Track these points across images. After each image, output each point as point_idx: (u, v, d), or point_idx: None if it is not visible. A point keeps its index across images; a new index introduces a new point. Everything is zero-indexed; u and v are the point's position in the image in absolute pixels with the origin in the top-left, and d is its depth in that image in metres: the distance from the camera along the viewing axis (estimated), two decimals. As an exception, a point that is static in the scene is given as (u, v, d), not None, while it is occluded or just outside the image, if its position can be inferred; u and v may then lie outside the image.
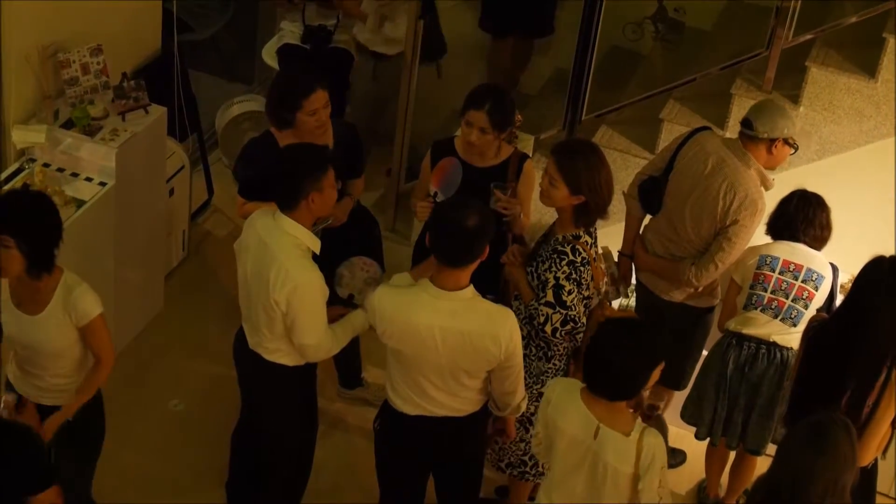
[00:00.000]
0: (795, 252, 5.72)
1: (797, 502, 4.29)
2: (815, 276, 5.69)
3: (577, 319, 5.32)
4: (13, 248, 4.59)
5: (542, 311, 5.27)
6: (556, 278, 5.26)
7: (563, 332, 5.30)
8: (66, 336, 4.81)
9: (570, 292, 5.26)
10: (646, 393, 4.73)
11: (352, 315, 5.29)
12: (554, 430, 4.65)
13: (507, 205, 5.56)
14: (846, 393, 5.15)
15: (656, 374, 4.53)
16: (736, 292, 5.84)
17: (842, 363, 5.18)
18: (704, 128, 5.96)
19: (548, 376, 5.44)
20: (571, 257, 5.27)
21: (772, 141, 5.68)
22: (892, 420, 5.22)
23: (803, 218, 5.74)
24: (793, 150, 5.80)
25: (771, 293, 5.72)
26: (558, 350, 5.44)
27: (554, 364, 5.45)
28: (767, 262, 5.73)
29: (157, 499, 5.91)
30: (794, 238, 5.75)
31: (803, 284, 5.68)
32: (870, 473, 5.46)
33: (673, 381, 6.23)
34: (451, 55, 7.62)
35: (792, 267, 5.69)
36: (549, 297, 5.27)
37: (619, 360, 4.47)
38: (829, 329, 5.24)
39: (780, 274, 5.71)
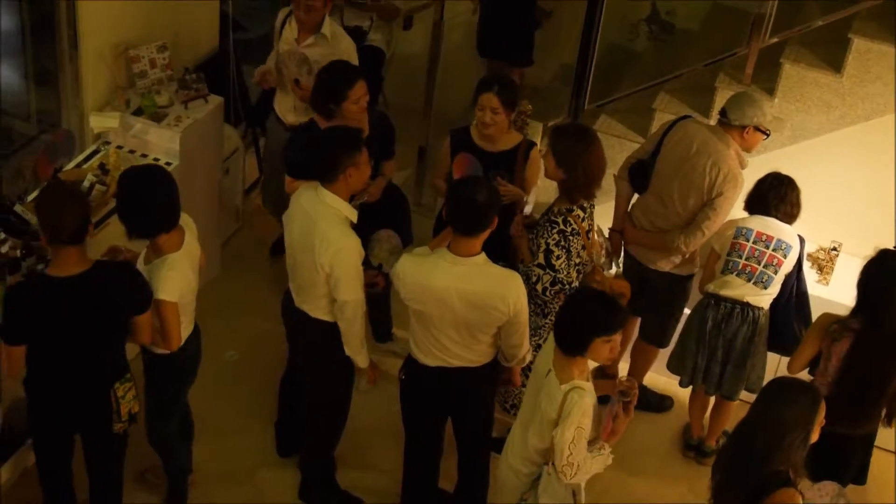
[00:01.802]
0: (768, 225, 5.76)
1: (756, 440, 4.33)
2: (784, 245, 5.72)
3: (565, 281, 5.35)
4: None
5: (534, 271, 5.35)
6: (547, 244, 5.33)
7: (552, 291, 5.36)
8: None
9: (558, 257, 5.32)
10: (621, 378, 4.76)
11: None
12: (534, 362, 4.84)
13: (506, 190, 5.60)
14: (892, 380, 5.17)
15: (599, 347, 4.50)
16: (715, 259, 5.88)
17: (882, 354, 5.15)
18: (686, 116, 5.99)
19: (543, 330, 5.53)
20: (562, 227, 5.34)
21: (743, 127, 5.71)
22: None
23: (775, 196, 5.78)
24: (764, 136, 5.80)
25: (745, 260, 5.76)
26: (553, 307, 5.46)
27: (550, 320, 5.47)
28: (743, 233, 5.77)
29: (217, 436, 5.96)
30: (767, 213, 5.78)
31: (773, 253, 5.73)
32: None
33: (657, 339, 6.32)
34: (459, 68, 7.62)
35: (764, 238, 5.73)
36: (541, 259, 5.34)
37: (569, 322, 4.53)
38: (864, 331, 5.15)
39: (753, 243, 5.75)
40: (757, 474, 4.28)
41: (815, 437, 4.36)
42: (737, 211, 5.90)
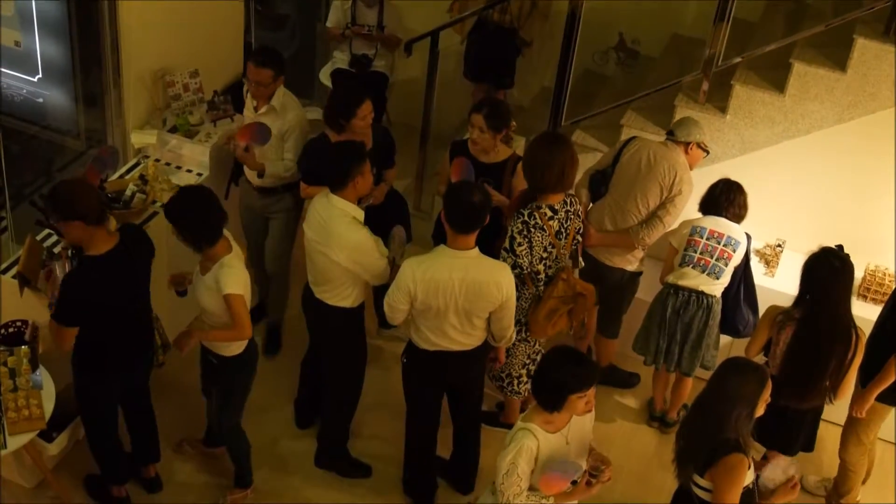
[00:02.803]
0: (719, 224, 5.81)
1: (710, 411, 4.43)
2: (733, 241, 5.78)
3: (524, 267, 5.37)
4: (178, 233, 4.86)
5: (501, 254, 5.38)
6: (512, 231, 5.37)
7: (513, 273, 5.24)
8: (213, 298, 4.91)
9: (519, 244, 5.35)
10: (598, 454, 4.65)
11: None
12: None
13: (493, 196, 5.51)
14: (832, 360, 5.20)
15: (575, 402, 4.39)
16: (673, 254, 5.93)
17: (823, 338, 5.19)
18: (633, 137, 6.05)
19: (515, 311, 5.35)
20: (526, 219, 5.35)
21: (687, 144, 5.82)
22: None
23: (726, 199, 5.83)
24: (705, 154, 5.93)
25: (700, 254, 5.81)
26: (522, 292, 5.47)
27: (521, 304, 5.49)
28: (698, 231, 5.83)
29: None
30: (719, 214, 5.84)
31: (724, 248, 5.78)
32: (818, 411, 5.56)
33: (612, 331, 6.39)
34: (451, 91, 7.56)
35: (716, 235, 5.80)
36: (506, 244, 5.39)
37: (546, 382, 4.43)
38: (806, 318, 5.20)
39: (707, 240, 5.80)
40: (711, 441, 4.37)
41: (760, 411, 4.42)
42: (692, 212, 5.96)
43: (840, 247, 5.25)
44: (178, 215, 4.84)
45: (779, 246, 6.63)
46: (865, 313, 5.96)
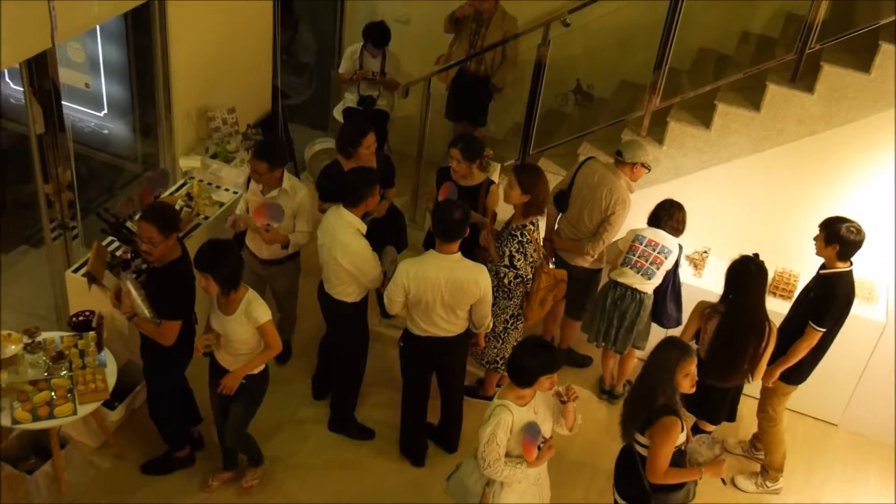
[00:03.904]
0: (657, 234, 5.93)
1: (644, 381, 4.56)
2: (666, 250, 5.91)
3: (523, 276, 5.59)
4: (211, 281, 4.78)
5: (502, 270, 5.58)
6: (510, 251, 5.55)
7: (514, 283, 5.61)
8: (245, 331, 4.94)
9: (518, 259, 5.55)
10: (554, 388, 4.60)
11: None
12: None
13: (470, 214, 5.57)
14: (749, 347, 5.24)
15: (543, 381, 4.44)
16: (618, 255, 6.05)
17: (742, 329, 5.25)
18: (590, 157, 6.17)
19: (510, 309, 5.73)
20: (520, 238, 5.56)
21: (632, 164, 5.92)
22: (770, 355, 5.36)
23: (666, 214, 5.95)
24: (647, 171, 6.00)
25: (637, 258, 5.92)
26: (515, 293, 5.69)
27: (514, 301, 5.71)
28: (638, 238, 5.95)
29: (270, 385, 5.56)
30: (659, 226, 5.96)
31: (658, 255, 5.90)
32: (739, 389, 5.63)
33: (576, 314, 6.53)
34: (440, 126, 7.40)
35: (653, 243, 5.91)
36: (506, 261, 5.57)
37: (521, 365, 4.46)
38: (728, 313, 5.26)
39: (645, 247, 5.92)
40: (649, 404, 4.53)
41: (684, 386, 4.52)
42: (640, 222, 6.06)
43: (756, 255, 5.33)
44: (208, 267, 4.78)
45: (705, 252, 6.74)
46: (775, 307, 5.98)
